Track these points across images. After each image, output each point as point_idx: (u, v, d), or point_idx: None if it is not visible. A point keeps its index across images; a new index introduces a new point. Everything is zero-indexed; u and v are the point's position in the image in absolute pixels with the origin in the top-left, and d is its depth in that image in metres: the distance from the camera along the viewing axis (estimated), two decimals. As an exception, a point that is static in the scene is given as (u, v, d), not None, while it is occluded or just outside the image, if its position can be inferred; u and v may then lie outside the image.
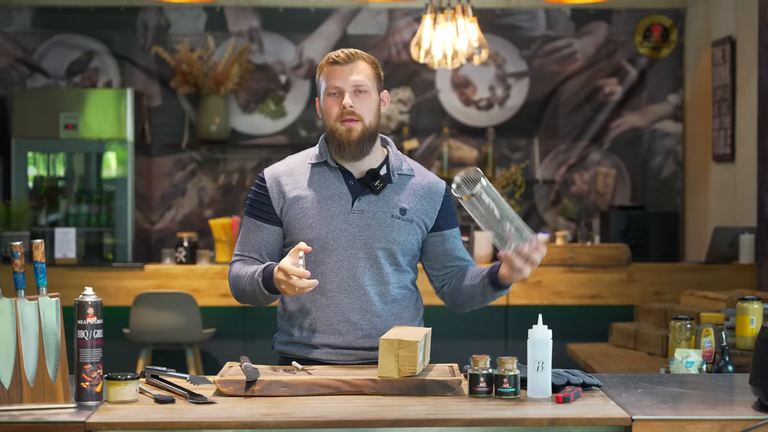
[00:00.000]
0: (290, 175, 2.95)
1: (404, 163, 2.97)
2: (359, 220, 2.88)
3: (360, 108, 2.86)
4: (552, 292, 6.43)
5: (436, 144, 7.81)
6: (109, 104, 7.22)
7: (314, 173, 2.94)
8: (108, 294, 6.25)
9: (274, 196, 2.93)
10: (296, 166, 2.97)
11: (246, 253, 2.95)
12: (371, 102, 2.89)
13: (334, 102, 2.87)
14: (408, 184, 2.95)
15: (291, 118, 7.81)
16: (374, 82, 2.91)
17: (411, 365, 2.59)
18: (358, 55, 2.90)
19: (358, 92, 2.87)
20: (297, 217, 2.90)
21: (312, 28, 7.79)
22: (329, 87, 2.88)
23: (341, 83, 2.86)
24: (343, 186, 2.91)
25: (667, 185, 7.87)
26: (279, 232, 2.94)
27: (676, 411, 2.45)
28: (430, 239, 2.97)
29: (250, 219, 2.96)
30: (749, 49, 6.50)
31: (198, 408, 2.45)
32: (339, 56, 2.88)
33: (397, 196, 2.92)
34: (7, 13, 7.67)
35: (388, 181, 2.93)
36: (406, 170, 2.96)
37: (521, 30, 7.82)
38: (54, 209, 7.38)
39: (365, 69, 2.89)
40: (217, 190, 7.79)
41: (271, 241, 2.94)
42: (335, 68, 2.88)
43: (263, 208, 2.94)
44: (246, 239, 2.97)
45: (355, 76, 2.87)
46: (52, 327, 2.48)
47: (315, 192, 2.91)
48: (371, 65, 2.92)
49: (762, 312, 3.83)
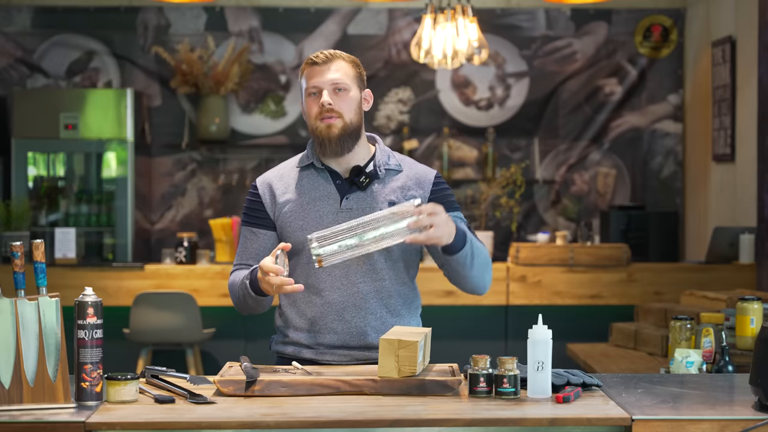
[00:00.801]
0: (281, 180, 2.97)
1: (392, 158, 2.97)
2: (349, 218, 2.88)
3: (339, 105, 2.87)
4: (552, 292, 6.43)
5: (436, 144, 7.81)
6: (109, 104, 7.22)
7: (303, 176, 2.95)
8: (108, 294, 6.26)
9: (267, 202, 2.95)
10: (286, 171, 3.00)
11: (244, 261, 2.98)
12: (351, 100, 2.89)
13: (314, 101, 2.89)
14: (396, 177, 2.94)
15: (291, 118, 7.81)
16: (354, 80, 2.92)
17: (411, 365, 2.59)
18: (337, 54, 2.92)
19: (337, 90, 2.88)
20: (288, 221, 2.91)
21: (312, 28, 7.79)
22: (309, 87, 2.90)
23: (320, 82, 2.88)
24: (330, 186, 2.92)
25: (667, 185, 7.87)
26: (275, 237, 2.96)
27: (676, 411, 2.45)
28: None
29: (247, 227, 2.99)
30: (749, 49, 6.50)
31: (198, 408, 2.45)
32: (318, 57, 2.90)
33: (384, 191, 2.91)
34: (7, 13, 7.67)
35: (375, 177, 2.92)
36: (394, 165, 2.96)
37: (521, 30, 7.82)
38: (54, 209, 7.38)
39: (344, 67, 2.91)
40: (217, 190, 7.79)
41: (269, 247, 2.95)
42: (314, 68, 2.90)
43: (258, 215, 2.96)
44: (244, 248, 2.99)
45: (334, 74, 2.88)
46: (52, 327, 2.48)
47: (304, 194, 2.92)
48: (351, 64, 2.93)
49: (762, 312, 3.83)
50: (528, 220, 7.81)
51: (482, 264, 2.84)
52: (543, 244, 6.57)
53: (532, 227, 7.76)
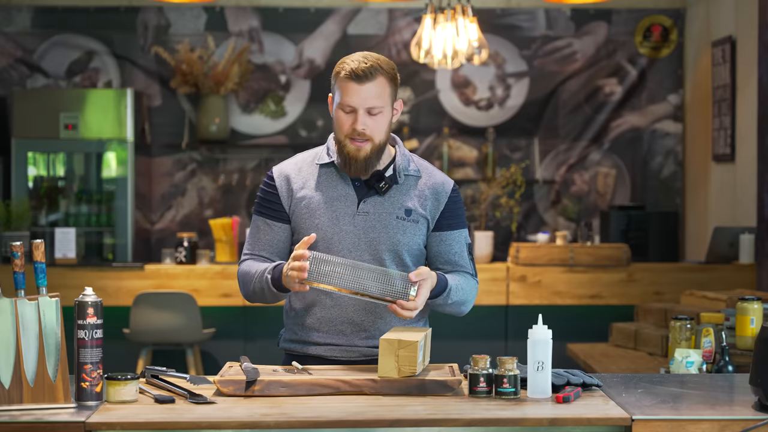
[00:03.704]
0: (299, 174, 2.94)
1: (411, 163, 2.95)
2: (364, 222, 2.88)
3: (372, 128, 2.82)
4: (552, 292, 6.43)
5: (436, 144, 7.81)
6: (109, 104, 7.22)
7: (322, 173, 2.93)
8: (108, 294, 6.26)
9: (283, 194, 2.93)
10: (304, 165, 2.96)
11: (256, 251, 2.95)
12: (384, 121, 2.84)
13: (346, 119, 2.83)
14: (414, 184, 2.93)
15: (291, 118, 7.81)
16: (390, 99, 2.85)
17: (411, 365, 2.59)
18: (378, 69, 2.81)
19: (372, 113, 2.82)
20: (304, 217, 2.90)
21: (312, 28, 7.79)
22: (343, 103, 2.82)
23: (356, 103, 2.81)
24: (349, 187, 2.91)
25: (667, 185, 7.87)
26: (288, 230, 2.94)
27: (676, 411, 2.45)
28: (429, 238, 2.95)
29: (260, 217, 2.95)
30: (749, 49, 6.50)
31: (198, 408, 2.45)
32: (357, 70, 2.79)
33: (402, 197, 2.91)
34: (7, 13, 7.67)
35: (394, 182, 2.91)
36: (413, 171, 2.94)
37: (521, 30, 7.82)
38: (54, 209, 7.38)
39: (383, 86, 2.82)
40: (217, 190, 7.79)
41: (282, 239, 2.93)
42: (351, 85, 2.80)
43: (272, 207, 2.93)
44: (255, 238, 2.96)
45: (372, 98, 2.80)
46: (52, 327, 2.48)
47: (322, 192, 2.90)
48: (390, 80, 2.84)
49: (762, 312, 3.83)
50: (528, 220, 7.81)
51: (458, 304, 2.91)
52: (543, 244, 6.57)
53: (532, 227, 7.76)
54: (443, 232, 2.94)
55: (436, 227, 2.94)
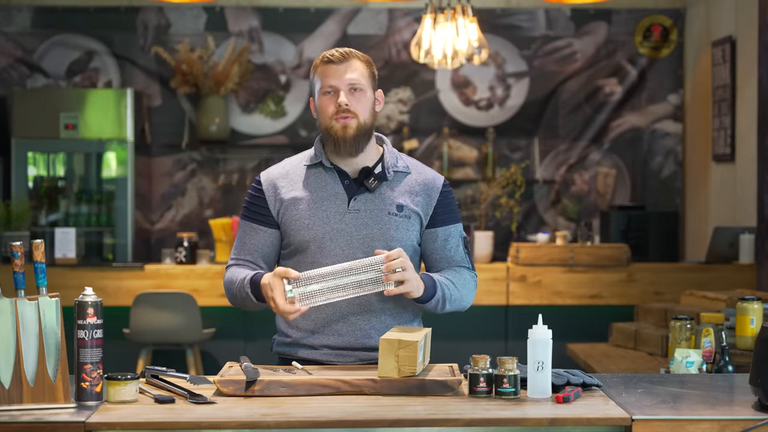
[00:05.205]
0: (286, 177, 2.95)
1: (400, 160, 2.97)
2: (356, 220, 2.88)
3: (355, 105, 2.87)
4: (552, 292, 6.43)
5: (436, 144, 7.81)
6: (109, 104, 7.22)
7: (309, 174, 2.94)
8: (108, 294, 6.26)
9: (270, 199, 2.93)
10: (292, 168, 2.97)
11: (242, 257, 2.95)
12: (366, 100, 2.89)
13: (330, 100, 2.88)
14: (404, 180, 2.94)
15: (291, 118, 7.81)
16: (369, 80, 2.91)
17: (411, 365, 2.59)
18: (353, 54, 2.90)
19: (353, 90, 2.87)
20: (293, 219, 2.90)
21: (312, 28, 7.79)
22: (324, 86, 2.88)
23: (336, 82, 2.87)
24: (338, 186, 2.91)
25: (667, 185, 7.87)
26: (275, 235, 2.94)
27: (676, 411, 2.45)
28: (423, 235, 2.95)
29: (246, 222, 2.96)
30: (749, 49, 6.50)
31: (198, 408, 2.45)
32: (333, 55, 2.89)
33: (393, 193, 2.91)
34: (7, 13, 7.67)
35: (383, 179, 2.92)
36: (402, 167, 2.95)
37: (521, 30, 7.82)
38: (54, 209, 7.38)
39: (360, 68, 2.89)
40: (217, 190, 7.79)
41: (268, 244, 2.94)
42: (330, 67, 2.88)
43: (259, 211, 2.94)
44: (242, 243, 2.96)
45: (350, 74, 2.87)
46: (52, 327, 2.48)
47: (311, 193, 2.91)
48: (366, 64, 2.92)
49: (762, 312, 3.83)
50: (528, 220, 7.81)
51: (456, 302, 2.92)
52: (543, 244, 6.57)
53: (532, 227, 7.76)
54: (437, 228, 2.95)
55: (429, 224, 2.94)
